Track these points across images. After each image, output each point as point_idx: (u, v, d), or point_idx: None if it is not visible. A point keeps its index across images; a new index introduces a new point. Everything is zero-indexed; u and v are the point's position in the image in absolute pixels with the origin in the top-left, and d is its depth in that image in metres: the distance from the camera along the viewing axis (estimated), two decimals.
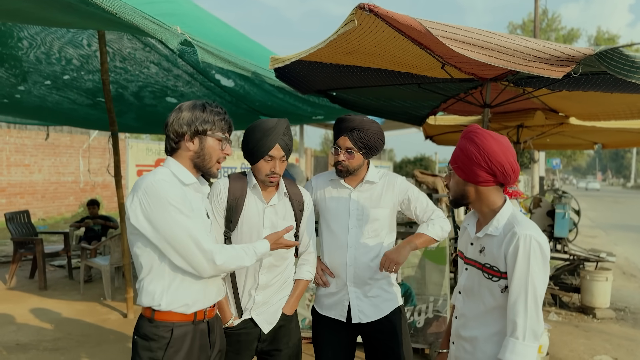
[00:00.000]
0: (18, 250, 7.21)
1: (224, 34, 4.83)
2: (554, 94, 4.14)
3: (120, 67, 5.99)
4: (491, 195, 1.91)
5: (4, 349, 4.79)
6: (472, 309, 1.98)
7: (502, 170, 1.83)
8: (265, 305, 2.44)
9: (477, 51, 2.56)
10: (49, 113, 7.29)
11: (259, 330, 2.42)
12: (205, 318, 2.07)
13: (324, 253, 2.69)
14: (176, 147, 2.04)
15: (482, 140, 1.84)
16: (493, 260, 1.87)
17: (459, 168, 1.92)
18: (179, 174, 2.01)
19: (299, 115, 7.74)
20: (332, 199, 2.67)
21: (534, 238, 1.75)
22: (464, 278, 2.04)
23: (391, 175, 2.71)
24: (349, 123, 2.52)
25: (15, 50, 5.15)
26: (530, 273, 1.74)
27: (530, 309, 1.75)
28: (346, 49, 3.10)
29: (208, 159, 2.05)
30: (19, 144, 14.55)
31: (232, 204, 2.37)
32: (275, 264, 2.45)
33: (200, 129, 2.00)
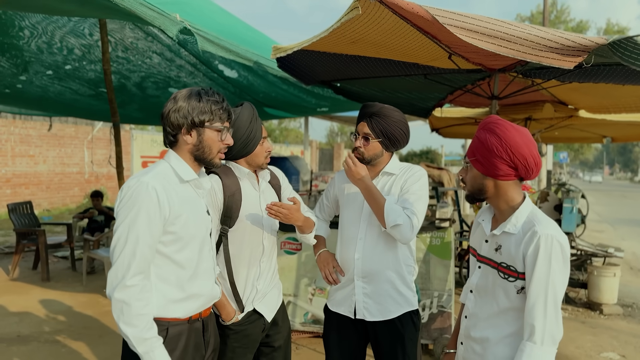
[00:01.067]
0: (21, 241, 7.19)
1: (227, 23, 4.76)
2: (563, 86, 4.03)
3: (123, 57, 5.93)
4: (510, 191, 1.82)
5: (4, 341, 4.77)
6: (485, 309, 1.89)
7: (525, 164, 1.74)
8: (264, 294, 2.44)
9: (486, 40, 2.48)
10: (51, 103, 7.24)
11: (263, 321, 2.42)
12: (201, 317, 2.01)
13: (337, 247, 2.62)
14: (174, 140, 1.94)
15: (503, 131, 1.75)
16: (510, 259, 1.78)
17: (477, 161, 1.82)
18: (179, 169, 1.92)
19: (303, 107, 7.66)
20: (350, 191, 2.59)
21: (556, 238, 1.67)
22: (477, 277, 1.95)
23: (413, 166, 2.54)
24: (369, 108, 2.43)
25: (17, 39, 5.08)
26: (551, 275, 1.66)
27: (550, 313, 1.67)
28: (350, 38, 3.01)
29: (208, 151, 1.95)
30: (23, 135, 14.54)
31: (230, 201, 2.31)
32: (272, 249, 2.48)
33: (197, 120, 1.89)
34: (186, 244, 1.89)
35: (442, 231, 4.56)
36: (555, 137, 7.70)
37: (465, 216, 6.84)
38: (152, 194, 1.77)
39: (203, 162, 1.98)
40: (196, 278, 1.94)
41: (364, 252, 2.48)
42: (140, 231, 1.75)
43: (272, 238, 2.47)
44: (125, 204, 1.77)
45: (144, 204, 1.76)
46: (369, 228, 2.48)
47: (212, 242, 2.08)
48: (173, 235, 1.85)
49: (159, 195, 1.78)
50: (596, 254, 6.61)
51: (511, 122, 1.80)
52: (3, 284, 6.79)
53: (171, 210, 1.82)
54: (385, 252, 2.48)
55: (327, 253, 2.63)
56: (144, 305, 1.75)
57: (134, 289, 1.73)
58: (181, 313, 1.90)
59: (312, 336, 4.82)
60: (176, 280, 1.89)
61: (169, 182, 1.86)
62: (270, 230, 2.45)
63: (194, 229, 1.92)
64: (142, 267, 1.77)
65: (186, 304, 1.92)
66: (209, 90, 1.95)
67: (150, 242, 1.77)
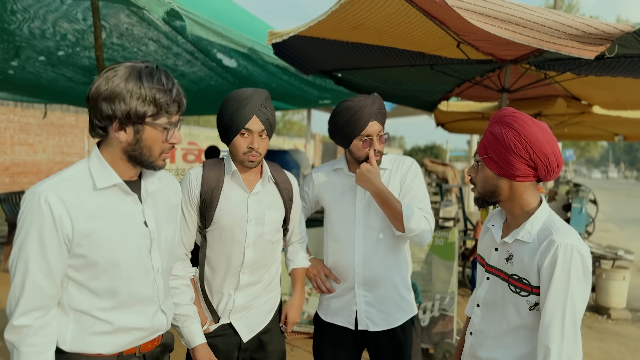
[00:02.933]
0: (12, 231, 7.04)
1: (223, 9, 4.54)
2: (578, 80, 3.81)
3: (118, 44, 5.74)
4: (526, 193, 1.61)
5: None
6: (492, 327, 1.69)
7: (547, 163, 1.53)
8: (246, 309, 2.14)
9: (499, 25, 2.25)
10: (45, 90, 7.07)
11: (239, 339, 2.13)
12: (140, 352, 1.61)
13: (328, 253, 2.38)
14: (103, 133, 1.49)
15: (523, 125, 1.54)
16: (523, 271, 1.58)
17: (490, 159, 1.61)
18: (96, 173, 1.49)
19: (305, 99, 7.45)
20: (337, 192, 2.35)
21: (577, 249, 1.48)
22: (485, 289, 1.74)
23: (402, 158, 2.37)
24: (372, 106, 2.18)
25: (8, 23, 4.89)
26: (570, 290, 1.47)
27: (568, 333, 1.47)
28: (351, 23, 2.79)
29: (147, 152, 1.51)
30: (23, 123, 14.38)
31: (205, 197, 2.04)
32: (262, 262, 2.15)
33: (135, 114, 1.43)
34: (103, 270, 1.48)
35: (445, 231, 4.36)
36: (564, 134, 7.46)
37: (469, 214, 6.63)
38: (44, 210, 1.38)
39: (141, 164, 1.55)
40: (125, 308, 1.55)
41: (364, 258, 2.26)
42: (31, 257, 1.39)
43: (262, 250, 2.12)
44: (19, 221, 1.42)
45: (34, 223, 1.39)
46: (366, 231, 2.27)
47: (153, 260, 1.62)
48: (82, 260, 1.46)
49: (53, 211, 1.39)
50: (605, 256, 6.40)
51: (529, 116, 1.59)
52: None
53: (75, 229, 1.42)
54: (386, 256, 2.28)
55: (315, 260, 2.41)
56: (38, 352, 1.40)
57: (24, 330, 1.39)
58: (106, 348, 1.53)
59: (307, 337, 4.63)
60: (95, 311, 1.50)
61: (76, 189, 1.45)
62: (260, 241, 2.10)
63: (114, 250, 1.49)
64: (37, 302, 1.41)
65: (113, 338, 1.54)
66: (155, 71, 1.47)
67: (45, 270, 1.40)
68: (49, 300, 1.43)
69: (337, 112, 2.23)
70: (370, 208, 2.27)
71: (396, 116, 10.90)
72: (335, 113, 2.25)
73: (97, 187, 1.48)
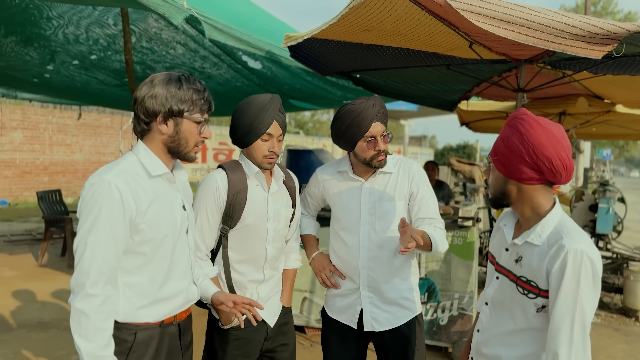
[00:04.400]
0: (49, 228, 7.35)
1: (247, 13, 4.67)
2: (597, 79, 3.77)
3: (147, 48, 5.93)
4: (537, 196, 1.61)
5: (25, 327, 4.85)
6: (499, 325, 1.71)
7: (550, 167, 1.52)
8: (268, 299, 2.29)
9: (504, 27, 2.28)
10: (79, 93, 7.34)
11: (266, 327, 2.26)
12: (176, 320, 1.86)
13: (334, 253, 2.45)
14: (147, 128, 1.74)
15: (527, 128, 1.54)
16: (531, 273, 1.58)
17: (499, 161, 1.62)
18: (148, 163, 1.74)
19: (329, 100, 7.51)
20: (341, 194, 2.41)
21: (587, 254, 1.47)
22: (494, 288, 1.75)
23: (406, 161, 2.41)
24: (374, 107, 2.23)
25: (44, 29, 5.14)
26: (579, 296, 1.46)
27: (577, 339, 1.47)
28: (363, 26, 2.86)
29: (184, 144, 1.77)
30: (61, 124, 14.93)
31: (233, 200, 2.15)
32: (276, 256, 2.30)
33: (176, 109, 1.71)
34: (157, 244, 1.74)
35: (464, 230, 4.37)
36: (592, 134, 7.30)
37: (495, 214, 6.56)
38: (114, 194, 1.61)
39: (177, 154, 1.81)
40: (168, 280, 1.80)
41: (369, 260, 2.33)
42: (102, 235, 1.60)
43: (277, 245, 2.29)
44: (87, 205, 1.62)
45: (105, 205, 1.61)
46: (371, 234, 2.33)
47: (189, 239, 1.91)
48: (141, 235, 1.69)
49: (122, 195, 1.63)
50: (633, 258, 6.26)
51: (542, 117, 1.58)
52: (32, 269, 6.95)
53: (138, 210, 1.67)
54: (391, 258, 2.34)
55: (321, 256, 2.49)
56: (103, 319, 1.60)
57: (95, 299, 1.58)
58: (152, 317, 1.76)
59: None
60: (145, 282, 1.74)
61: (134, 178, 1.70)
62: (277, 237, 2.27)
63: (165, 227, 1.76)
64: (105, 275, 1.61)
65: (157, 308, 1.77)
66: (190, 77, 1.78)
67: (113, 246, 1.63)
68: (113, 272, 1.65)
69: (339, 117, 2.28)
70: (375, 211, 2.33)
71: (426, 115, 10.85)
72: (337, 118, 2.29)
73: (152, 174, 1.74)
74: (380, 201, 2.33)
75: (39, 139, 14.40)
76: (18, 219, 11.59)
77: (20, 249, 8.24)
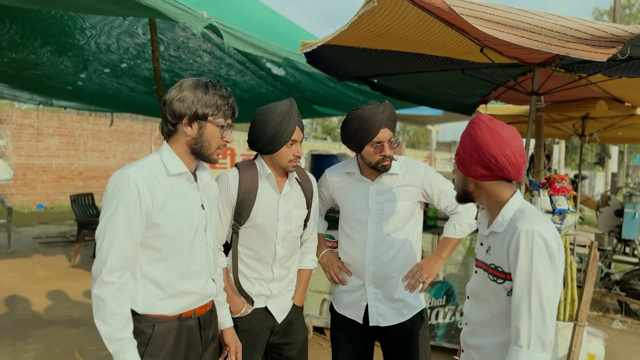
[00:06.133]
0: (82, 230, 7.61)
1: (267, 20, 4.80)
2: (615, 81, 3.75)
3: (175, 56, 6.12)
4: (495, 190, 1.74)
5: (57, 323, 5.07)
6: (479, 315, 1.82)
7: (496, 164, 1.66)
8: (279, 294, 2.39)
9: (507, 31, 2.34)
10: (110, 100, 7.61)
11: (273, 321, 2.36)
12: (195, 315, 1.95)
13: (342, 250, 2.56)
14: (173, 129, 1.86)
15: (476, 130, 1.69)
16: (497, 260, 1.70)
17: (459, 161, 1.78)
18: (168, 162, 1.86)
19: (351, 105, 7.58)
20: (350, 194, 2.52)
21: (537, 233, 1.57)
22: (473, 281, 1.88)
23: (412, 163, 2.51)
24: (383, 114, 2.33)
25: (78, 39, 5.38)
26: (533, 273, 1.56)
27: (535, 314, 1.57)
28: (374, 32, 2.95)
29: (207, 146, 1.88)
30: (95, 131, 15.42)
31: (243, 198, 2.26)
32: (287, 256, 2.38)
33: (201, 113, 1.82)
34: (172, 239, 1.84)
35: None
36: (619, 137, 7.17)
37: None
38: (132, 187, 1.73)
39: (200, 156, 1.92)
40: (185, 275, 1.89)
41: (375, 258, 2.43)
42: (119, 226, 1.72)
43: (289, 245, 2.36)
44: (107, 198, 1.76)
45: (123, 198, 1.73)
46: (377, 233, 2.43)
47: (207, 237, 1.99)
48: (157, 230, 1.80)
49: (139, 189, 1.74)
50: None
51: (496, 121, 1.72)
52: (65, 270, 7.22)
53: (154, 204, 1.78)
54: (397, 256, 2.43)
55: (330, 253, 2.59)
56: (119, 305, 1.73)
57: (111, 286, 1.71)
58: (169, 310, 1.86)
59: None
60: (162, 276, 1.84)
61: (154, 174, 1.81)
62: (288, 237, 2.35)
63: (181, 224, 1.86)
64: (121, 263, 1.74)
65: (174, 301, 1.87)
66: (217, 84, 1.88)
67: (129, 236, 1.74)
68: (129, 262, 1.77)
69: (349, 120, 2.38)
70: (382, 211, 2.43)
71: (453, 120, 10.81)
72: (347, 121, 2.39)
73: (170, 173, 1.84)
74: (387, 202, 2.44)
75: (74, 145, 14.91)
76: (53, 222, 12.02)
77: (54, 250, 8.56)
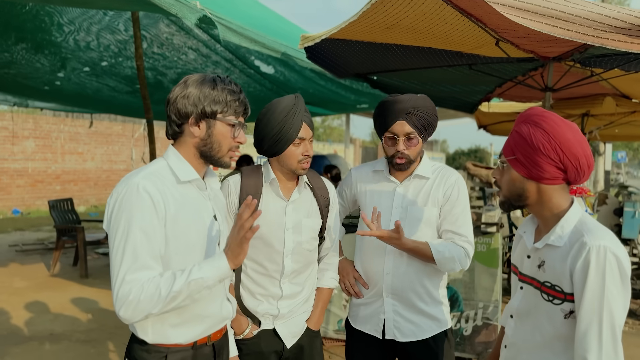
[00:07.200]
0: (61, 237, 7.28)
1: (258, 15, 4.57)
2: (627, 77, 3.60)
3: (158, 53, 5.87)
4: (556, 196, 1.52)
5: (37, 339, 4.75)
6: (526, 338, 1.59)
7: (577, 165, 1.45)
8: (289, 316, 2.12)
9: (539, 20, 2.14)
10: (90, 100, 7.31)
11: (281, 345, 2.09)
12: (210, 341, 1.72)
13: (359, 258, 2.31)
14: (179, 131, 1.65)
15: (552, 125, 1.46)
16: (555, 277, 1.48)
17: (517, 161, 1.53)
18: (177, 168, 1.64)
19: (342, 104, 7.43)
20: (374, 194, 2.28)
21: (610, 250, 1.37)
22: (518, 299, 1.65)
23: (447, 169, 2.27)
24: (403, 104, 2.11)
25: (55, 36, 5.10)
26: (606, 295, 1.36)
27: (607, 343, 1.37)
28: (383, 24, 2.73)
29: (217, 147, 1.66)
30: (72, 133, 14.97)
31: None
32: (299, 270, 2.11)
33: (209, 110, 1.61)
34: (185, 255, 1.61)
35: (488, 237, 4.20)
36: (614, 135, 7.11)
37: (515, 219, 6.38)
38: (144, 196, 1.51)
39: (210, 159, 1.69)
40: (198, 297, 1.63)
41: (395, 267, 2.19)
42: (138, 244, 1.49)
43: (300, 258, 2.09)
44: (117, 213, 1.52)
45: (135, 208, 1.50)
46: None
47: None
48: (169, 244, 1.58)
49: (152, 197, 1.52)
50: None
51: (559, 115, 1.51)
52: (44, 279, 6.88)
53: (167, 214, 1.55)
54: (418, 266, 2.20)
55: (345, 261, 2.35)
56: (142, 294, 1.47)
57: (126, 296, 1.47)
58: (183, 338, 1.64)
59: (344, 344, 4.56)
60: None
61: (163, 182, 1.59)
62: (299, 249, 2.08)
63: (196, 237, 1.64)
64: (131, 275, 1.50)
65: (188, 327, 1.65)
66: (225, 78, 1.67)
67: (150, 251, 1.52)
68: None
69: (377, 106, 2.23)
70: (406, 215, 2.20)
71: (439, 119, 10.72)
72: (377, 106, 2.24)
73: (181, 180, 1.63)
74: (412, 206, 2.21)
75: (51, 147, 14.43)
76: (30, 228, 11.57)
77: (32, 259, 8.19)
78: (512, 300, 1.70)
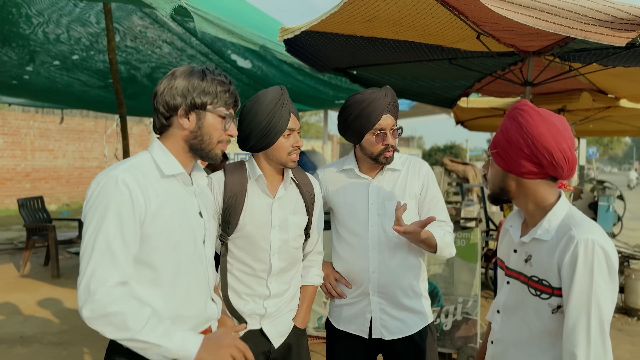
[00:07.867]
0: (31, 237, 7.08)
1: (236, 8, 4.46)
2: (604, 72, 3.63)
3: (132, 47, 5.71)
4: (540, 190, 1.50)
5: (6, 342, 4.60)
6: (513, 334, 1.57)
7: (551, 159, 1.42)
8: (276, 315, 2.05)
9: (522, 12, 2.11)
10: (60, 95, 7.09)
11: (269, 345, 2.03)
12: None
13: (339, 258, 2.24)
14: (167, 124, 1.60)
15: (527, 119, 1.44)
16: (542, 272, 1.46)
17: (498, 155, 1.52)
18: (161, 161, 1.58)
19: (321, 100, 7.35)
20: (347, 193, 2.22)
21: (599, 244, 1.36)
22: (504, 294, 1.62)
23: (416, 160, 2.26)
24: (385, 98, 2.07)
25: (23, 28, 4.90)
26: (594, 289, 1.35)
27: (595, 337, 1.35)
28: (364, 16, 2.68)
29: (207, 140, 1.61)
30: (43, 129, 14.57)
31: (230, 203, 1.95)
32: (286, 269, 2.05)
33: (199, 101, 1.56)
34: (168, 253, 1.54)
35: (467, 232, 4.21)
36: (589, 130, 7.21)
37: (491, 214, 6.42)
38: (122, 190, 1.45)
39: (200, 152, 1.63)
40: (182, 296, 1.59)
41: (380, 265, 2.14)
42: (110, 237, 1.43)
43: (286, 257, 2.03)
44: (92, 205, 1.46)
45: (112, 203, 1.44)
46: (381, 235, 2.14)
47: (206, 250, 1.70)
48: (150, 242, 1.51)
49: (131, 191, 1.46)
50: (634, 256, 6.17)
51: (544, 109, 1.48)
52: (13, 280, 6.68)
53: (147, 209, 1.49)
54: (403, 261, 2.16)
55: (324, 263, 2.28)
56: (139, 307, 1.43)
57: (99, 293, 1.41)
58: None
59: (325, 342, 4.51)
60: (156, 297, 1.53)
61: (145, 176, 1.53)
62: (285, 247, 2.02)
63: (179, 234, 1.57)
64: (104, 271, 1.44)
65: None
66: (214, 69, 1.62)
67: (124, 250, 1.45)
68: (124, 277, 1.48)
69: (348, 106, 2.12)
70: (384, 211, 2.15)
71: (414, 115, 10.70)
72: (345, 107, 2.14)
73: (165, 174, 1.57)
74: (389, 200, 2.16)
75: (20, 144, 14.01)
76: None
77: (1, 259, 7.95)
78: (498, 295, 1.68)
